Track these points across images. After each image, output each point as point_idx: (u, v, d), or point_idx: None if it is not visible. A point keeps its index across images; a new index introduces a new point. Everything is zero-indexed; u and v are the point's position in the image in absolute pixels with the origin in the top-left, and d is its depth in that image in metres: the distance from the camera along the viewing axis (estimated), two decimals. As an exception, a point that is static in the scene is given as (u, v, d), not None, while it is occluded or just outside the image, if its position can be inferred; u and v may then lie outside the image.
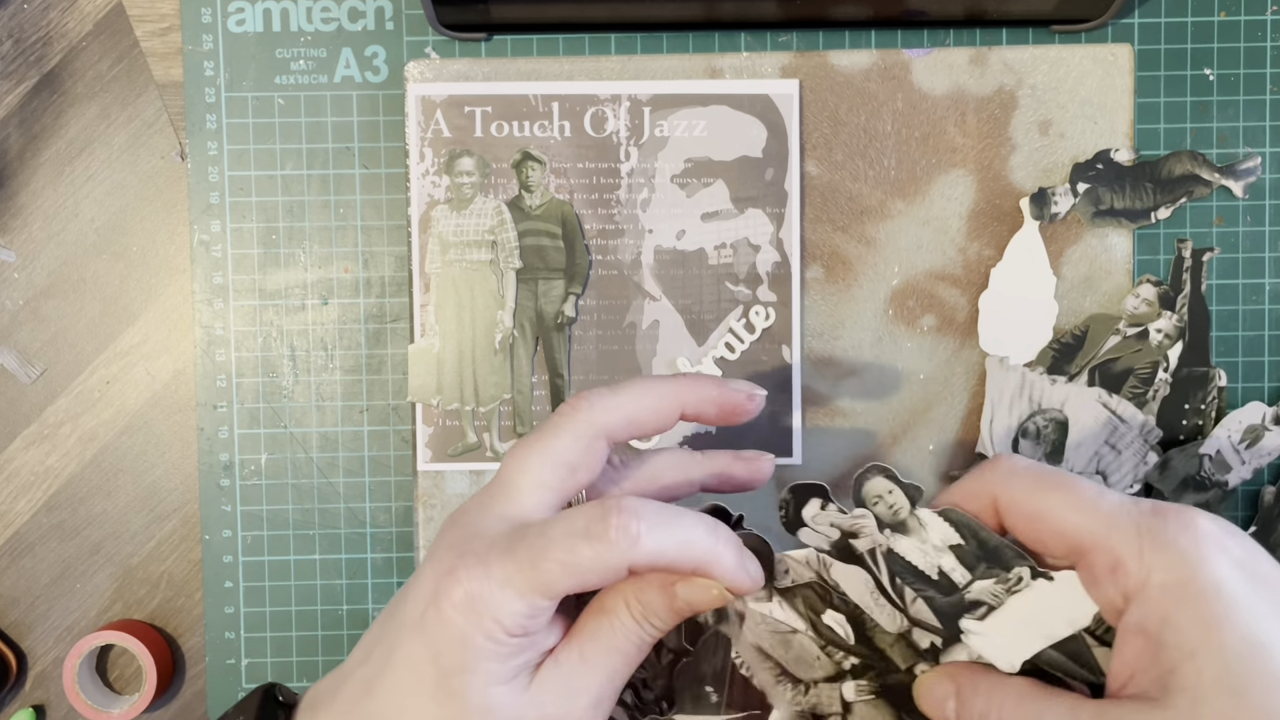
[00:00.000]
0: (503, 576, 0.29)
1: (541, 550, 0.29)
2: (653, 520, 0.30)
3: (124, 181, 0.51)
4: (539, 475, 0.32)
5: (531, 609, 0.30)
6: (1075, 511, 0.28)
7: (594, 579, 0.30)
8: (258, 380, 0.50)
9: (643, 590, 0.32)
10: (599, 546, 0.29)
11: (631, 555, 0.29)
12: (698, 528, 0.30)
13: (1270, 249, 0.50)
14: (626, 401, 0.33)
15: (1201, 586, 0.26)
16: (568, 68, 0.49)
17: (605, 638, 0.32)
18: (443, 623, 0.30)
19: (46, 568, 0.51)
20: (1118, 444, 0.48)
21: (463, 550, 0.30)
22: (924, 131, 0.49)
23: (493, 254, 0.49)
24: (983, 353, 0.50)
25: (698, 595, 0.31)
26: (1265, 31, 0.50)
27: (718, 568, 0.30)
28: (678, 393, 0.33)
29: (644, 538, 0.29)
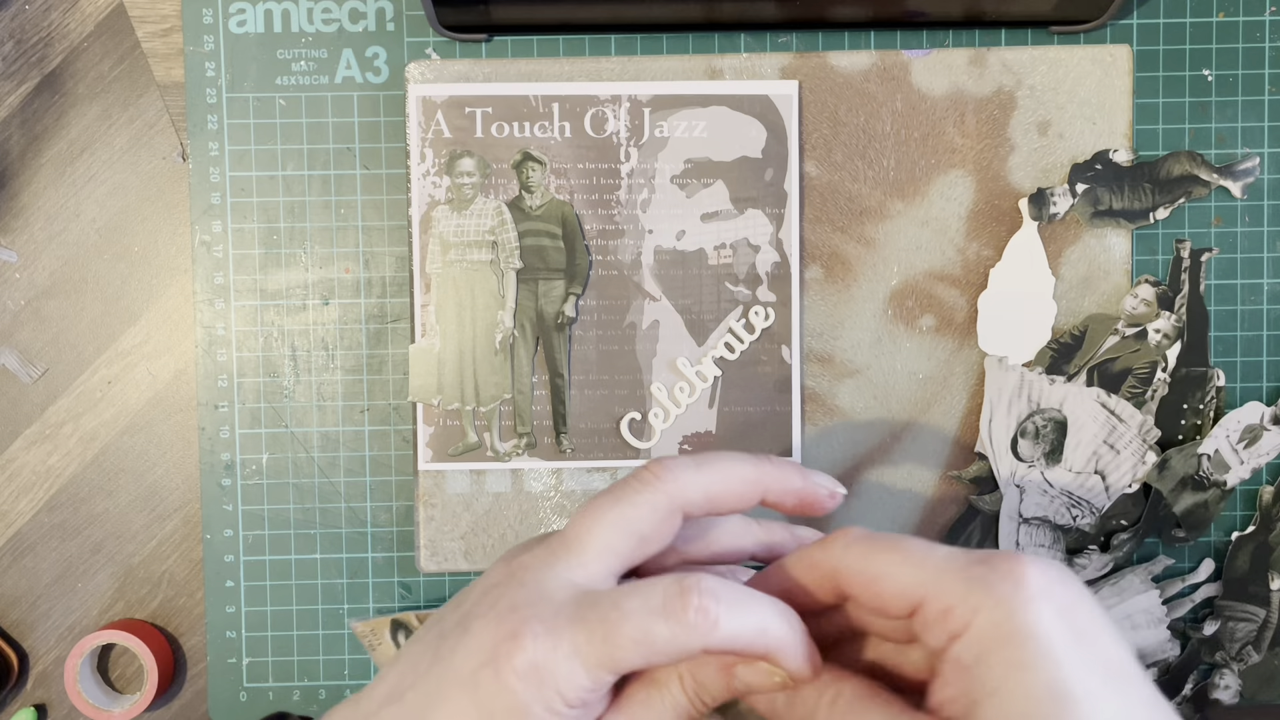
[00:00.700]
0: (571, 649, 0.29)
1: (615, 624, 0.29)
2: (731, 603, 0.29)
3: (125, 182, 0.51)
4: (610, 541, 0.31)
5: (596, 683, 0.29)
6: (908, 567, 0.29)
7: (666, 659, 0.29)
8: (259, 380, 0.50)
9: (700, 668, 0.31)
10: (676, 628, 0.28)
11: (709, 639, 0.28)
12: (773, 613, 0.30)
13: (1268, 249, 0.50)
14: (710, 480, 0.32)
15: (1014, 630, 0.26)
16: (568, 68, 0.49)
17: (656, 710, 0.31)
18: (501, 688, 0.29)
19: (48, 567, 0.51)
20: (1116, 444, 0.48)
21: (527, 615, 0.29)
22: (923, 132, 0.49)
23: (493, 254, 0.49)
24: (981, 352, 0.50)
25: (760, 680, 0.30)
26: (1264, 32, 0.50)
27: (788, 657, 0.30)
28: (761, 478, 0.33)
29: (723, 622, 0.29)
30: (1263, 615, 0.50)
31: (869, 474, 0.50)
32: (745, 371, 0.49)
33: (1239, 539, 0.50)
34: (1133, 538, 0.49)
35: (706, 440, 0.49)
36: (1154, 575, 0.50)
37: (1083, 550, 0.49)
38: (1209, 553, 0.50)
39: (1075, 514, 0.49)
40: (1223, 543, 0.50)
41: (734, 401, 0.49)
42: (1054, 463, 0.49)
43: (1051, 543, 0.49)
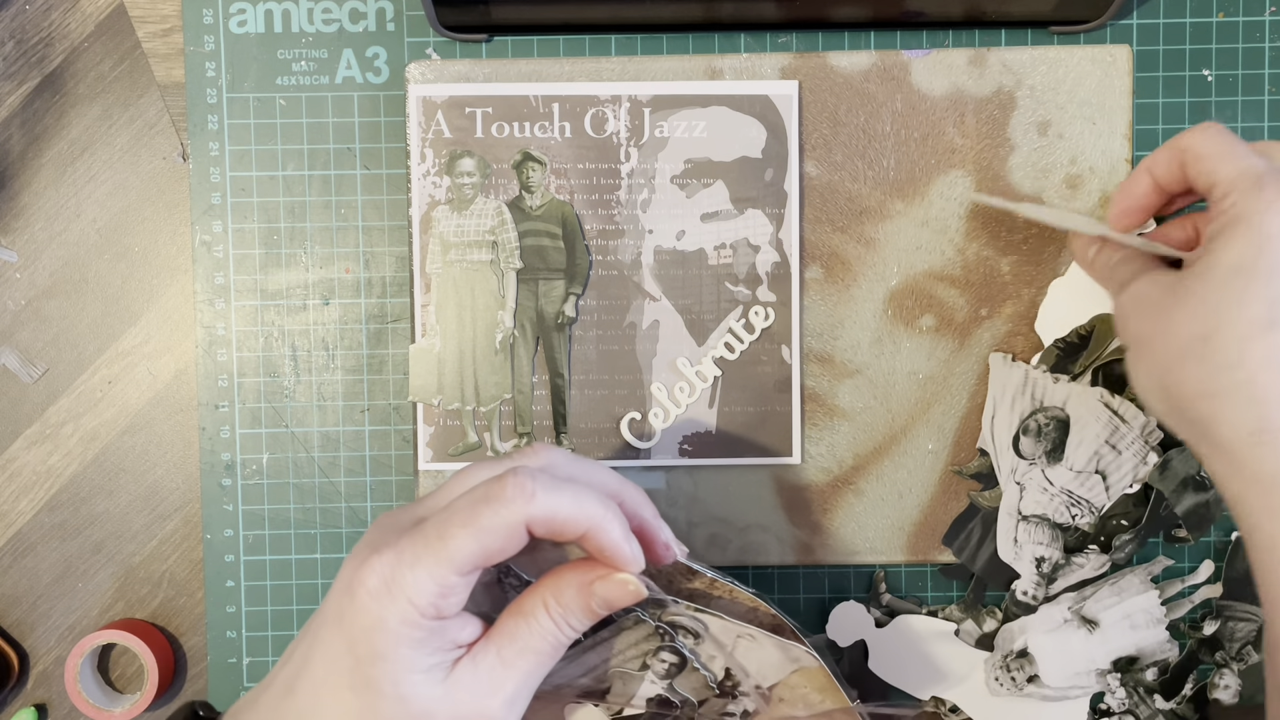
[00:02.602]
0: (412, 556, 0.31)
1: (445, 521, 0.31)
2: (547, 482, 0.31)
3: (126, 182, 0.51)
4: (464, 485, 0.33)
5: (442, 585, 0.31)
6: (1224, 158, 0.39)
7: (496, 540, 0.31)
8: (259, 380, 0.50)
9: (561, 590, 0.33)
10: (497, 505, 0.31)
11: (528, 510, 0.31)
12: (590, 495, 0.32)
13: (1268, 249, 0.50)
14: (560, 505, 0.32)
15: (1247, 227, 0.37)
16: (568, 69, 0.49)
17: (523, 638, 0.33)
18: (357, 610, 0.31)
19: (48, 567, 0.51)
20: (1118, 444, 0.48)
21: (376, 544, 0.32)
22: (923, 132, 0.49)
23: (493, 254, 0.49)
24: (984, 352, 0.50)
25: (614, 591, 0.33)
26: (1263, 32, 0.50)
27: (607, 533, 0.32)
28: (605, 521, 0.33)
29: (539, 495, 0.31)
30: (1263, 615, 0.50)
31: (869, 474, 0.50)
32: (745, 371, 0.49)
33: (1239, 539, 0.50)
34: (1134, 538, 0.49)
35: (706, 440, 0.49)
36: (1153, 576, 0.50)
37: (1083, 549, 0.49)
38: (1209, 553, 0.50)
39: (1075, 513, 0.49)
40: (1223, 543, 0.50)
41: (734, 401, 0.49)
42: (1055, 461, 0.49)
43: (1050, 541, 0.49)
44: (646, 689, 0.37)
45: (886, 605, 0.50)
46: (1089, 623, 0.49)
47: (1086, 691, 0.49)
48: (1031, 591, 0.49)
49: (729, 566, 0.50)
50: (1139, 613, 0.49)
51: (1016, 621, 0.49)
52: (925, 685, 0.50)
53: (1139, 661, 0.49)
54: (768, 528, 0.50)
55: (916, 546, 0.50)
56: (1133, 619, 0.49)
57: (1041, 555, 0.49)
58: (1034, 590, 0.49)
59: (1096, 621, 0.49)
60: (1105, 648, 0.49)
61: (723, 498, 0.50)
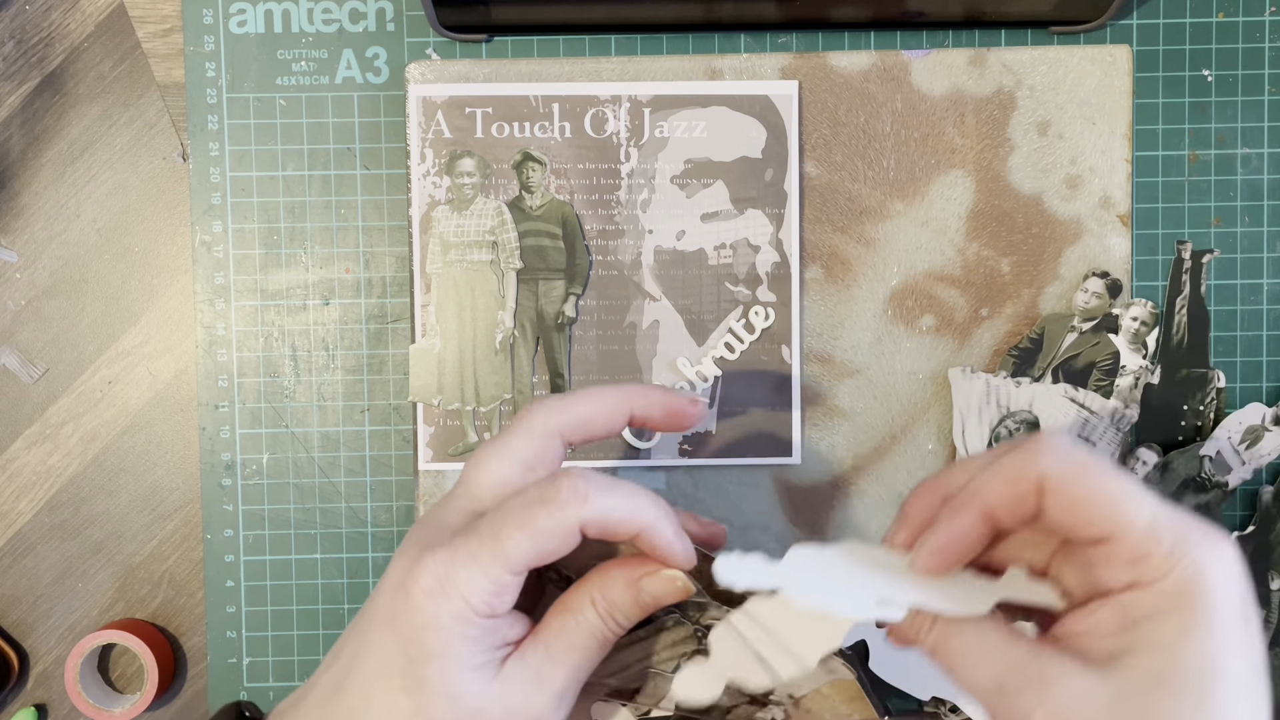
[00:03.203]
0: (467, 555, 0.31)
1: (500, 521, 0.31)
2: (600, 484, 0.32)
3: (126, 182, 0.51)
4: (498, 472, 0.33)
5: (496, 584, 0.31)
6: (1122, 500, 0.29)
7: (551, 542, 0.31)
8: (259, 380, 0.50)
9: (608, 586, 0.33)
10: (552, 507, 0.31)
11: (583, 513, 0.31)
12: (642, 495, 0.32)
13: (1268, 249, 0.50)
14: (578, 404, 0.34)
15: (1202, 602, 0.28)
16: (568, 69, 0.49)
17: (571, 634, 0.33)
18: (411, 610, 0.31)
19: (48, 567, 0.51)
20: (1090, 436, 0.48)
21: (429, 542, 0.32)
22: (923, 132, 0.49)
23: (493, 254, 0.49)
24: (984, 352, 0.50)
25: (662, 587, 0.33)
26: (1263, 32, 0.50)
27: (659, 533, 0.32)
28: (626, 396, 0.35)
29: (593, 497, 0.31)
30: (1262, 615, 0.50)
31: (869, 474, 0.50)
32: (745, 371, 0.49)
33: (1239, 539, 0.50)
34: None
35: (706, 440, 0.49)
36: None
37: None
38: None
39: None
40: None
41: (734, 401, 0.49)
42: None
43: None
44: None
45: (886, 605, 0.50)
46: None
47: None
48: None
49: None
50: None
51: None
52: (926, 685, 0.50)
53: None
54: (768, 528, 0.50)
55: (916, 547, 0.50)
56: None
57: None
58: None
59: None
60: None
61: (723, 498, 0.50)
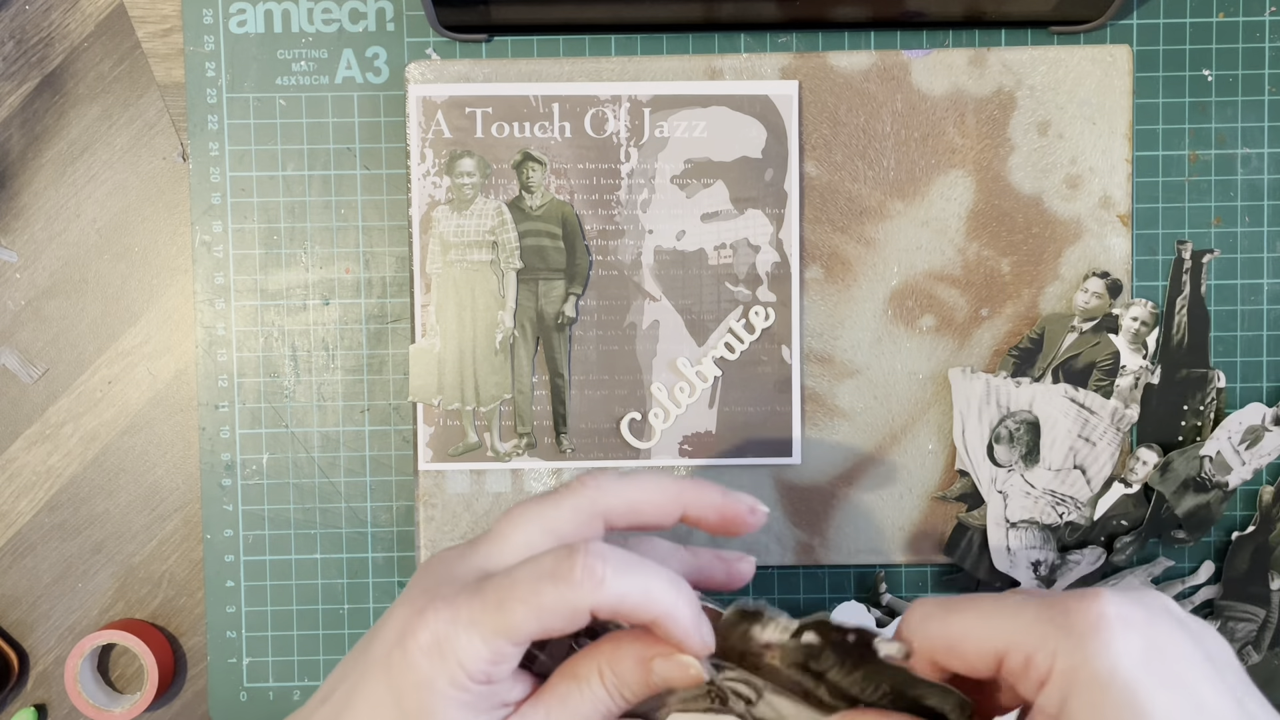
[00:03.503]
0: (469, 619, 0.29)
1: (507, 590, 0.29)
2: (618, 565, 0.29)
3: (126, 182, 0.51)
4: (529, 537, 0.32)
5: (496, 654, 0.29)
6: (983, 623, 0.28)
7: (558, 621, 0.29)
8: (259, 380, 0.50)
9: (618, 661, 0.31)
10: (563, 587, 0.29)
11: (595, 597, 0.29)
12: (661, 579, 0.30)
13: (1268, 249, 0.50)
14: (633, 491, 0.33)
15: (1094, 673, 0.26)
16: (568, 69, 0.49)
17: (574, 704, 0.31)
18: (407, 665, 0.30)
19: (48, 567, 0.51)
20: (1090, 436, 0.49)
21: (433, 594, 0.30)
22: (923, 132, 0.49)
23: (493, 254, 0.49)
24: (985, 352, 0.50)
25: (674, 672, 0.31)
26: (1263, 32, 0.50)
27: (676, 623, 0.30)
28: (682, 493, 0.33)
29: (609, 581, 0.29)
30: (1263, 615, 0.50)
31: (869, 474, 0.50)
32: (745, 371, 0.49)
33: (1239, 539, 0.50)
34: (1135, 540, 0.49)
35: (706, 440, 0.49)
36: (1154, 577, 0.50)
37: (1081, 546, 0.49)
38: (1209, 554, 0.50)
39: (1061, 511, 0.49)
40: (1223, 543, 0.50)
41: (734, 401, 0.49)
42: (1032, 464, 0.49)
43: (1042, 543, 0.49)
44: None
45: (887, 605, 0.50)
46: None
47: None
48: None
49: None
50: None
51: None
52: None
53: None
54: (768, 528, 0.50)
55: (917, 546, 0.50)
56: None
57: (1037, 559, 0.49)
58: None
59: None
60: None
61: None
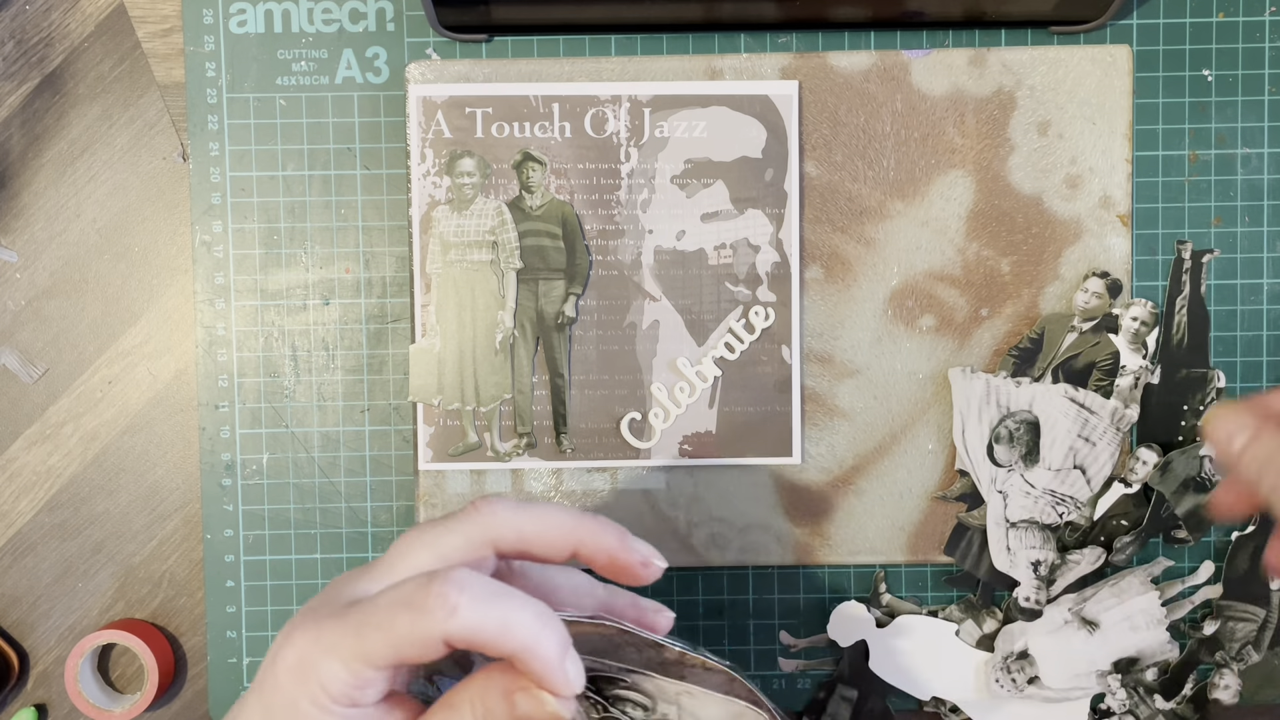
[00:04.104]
0: (329, 643, 0.29)
1: (367, 616, 0.29)
2: (476, 594, 0.29)
3: (126, 182, 0.51)
4: (418, 561, 0.32)
5: (357, 678, 0.29)
6: None
7: (412, 650, 0.29)
8: (259, 380, 0.50)
9: (487, 693, 0.30)
10: (415, 615, 0.28)
11: (446, 626, 0.28)
12: (524, 611, 0.29)
13: (1268, 249, 0.50)
14: (526, 521, 0.32)
15: None
16: (568, 69, 0.49)
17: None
18: (275, 685, 0.30)
19: (48, 567, 0.51)
20: (1090, 436, 0.49)
21: (309, 615, 0.30)
22: (923, 132, 0.49)
23: (493, 254, 0.49)
24: (985, 352, 0.50)
25: (533, 708, 0.30)
26: (1263, 32, 0.50)
27: (536, 657, 0.29)
28: (577, 529, 0.33)
29: (462, 610, 0.28)
30: (1262, 615, 0.50)
31: (869, 474, 0.50)
32: (745, 371, 0.49)
33: (1239, 539, 0.50)
34: (1135, 540, 0.49)
35: (706, 440, 0.49)
36: (1154, 577, 0.50)
37: (1082, 546, 0.49)
38: (1209, 554, 0.50)
39: (1061, 511, 0.49)
40: (1223, 543, 0.50)
41: (734, 401, 0.49)
42: (1032, 464, 0.49)
43: (1042, 543, 0.49)
44: None
45: (887, 605, 0.50)
46: (1089, 624, 0.49)
47: (1087, 693, 0.49)
48: (1034, 597, 0.49)
49: (730, 566, 0.50)
50: (1139, 614, 0.49)
51: (1017, 623, 0.49)
52: (925, 686, 0.50)
53: (1139, 662, 0.49)
54: (768, 528, 0.50)
55: (917, 546, 0.50)
56: (1133, 620, 0.49)
57: (1037, 559, 0.49)
58: (1035, 595, 0.49)
59: (1097, 623, 0.49)
60: (1106, 649, 0.49)
61: (723, 498, 0.50)
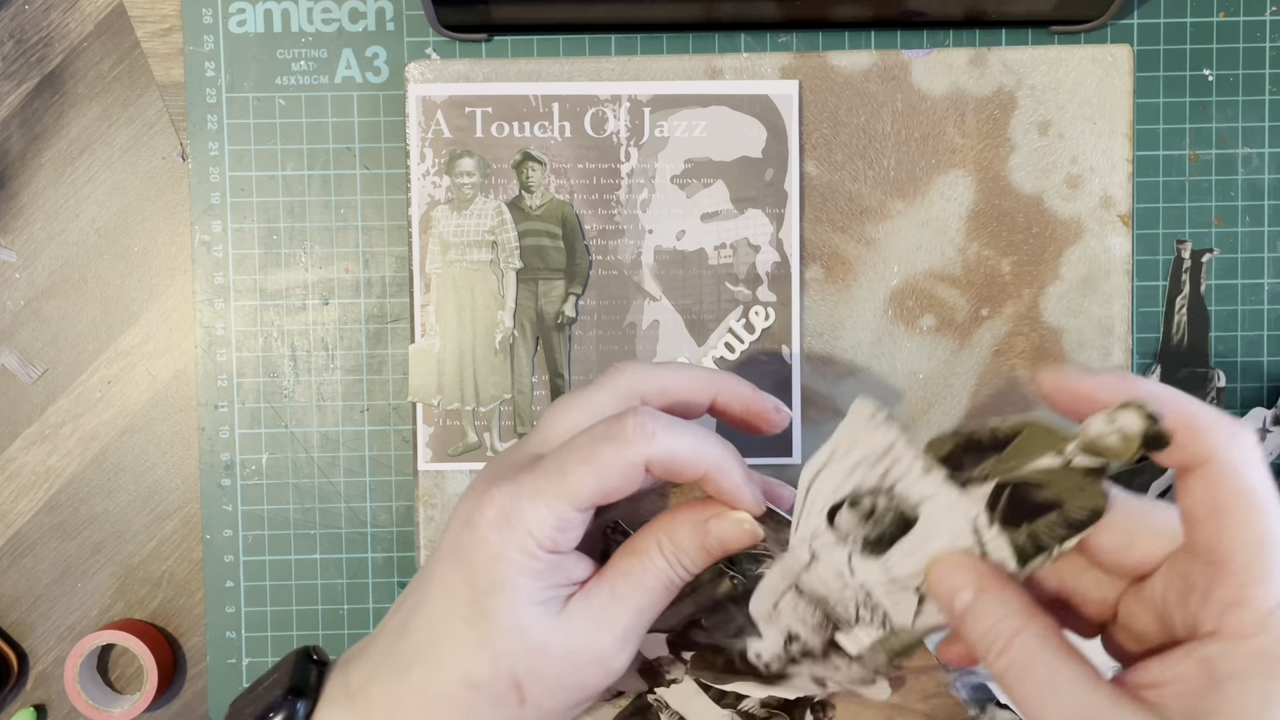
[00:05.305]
0: (532, 489, 0.31)
1: (565, 457, 0.31)
2: (666, 423, 0.31)
3: (125, 182, 0.51)
4: (573, 421, 0.34)
5: (561, 519, 0.31)
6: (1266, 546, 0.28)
7: (615, 479, 0.31)
8: (259, 380, 0.50)
9: (675, 529, 0.33)
10: (617, 445, 0.31)
11: (649, 450, 0.31)
12: (710, 437, 0.32)
13: (1268, 249, 0.50)
14: (666, 375, 0.35)
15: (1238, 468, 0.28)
16: (568, 68, 0.49)
17: (636, 576, 0.33)
18: (477, 542, 0.31)
19: (48, 567, 0.51)
20: None
21: (494, 478, 0.32)
22: (923, 132, 0.49)
23: (493, 254, 0.49)
24: (985, 352, 0.50)
25: (730, 530, 0.33)
26: (1264, 32, 0.50)
27: (726, 476, 0.32)
28: (713, 381, 0.35)
29: (659, 435, 0.31)
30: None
31: (869, 474, 0.50)
32: (745, 371, 0.49)
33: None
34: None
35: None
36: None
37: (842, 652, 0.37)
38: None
39: (863, 616, 0.35)
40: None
41: (734, 401, 0.49)
42: (871, 554, 0.34)
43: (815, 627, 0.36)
44: None
45: (886, 606, 0.50)
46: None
47: None
48: (766, 660, 0.37)
49: (729, 567, 0.50)
50: None
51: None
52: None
53: None
54: (768, 528, 0.50)
55: (917, 547, 0.50)
56: None
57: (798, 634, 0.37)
58: (771, 661, 0.37)
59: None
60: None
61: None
